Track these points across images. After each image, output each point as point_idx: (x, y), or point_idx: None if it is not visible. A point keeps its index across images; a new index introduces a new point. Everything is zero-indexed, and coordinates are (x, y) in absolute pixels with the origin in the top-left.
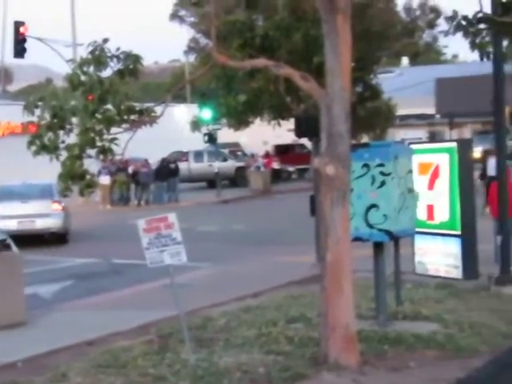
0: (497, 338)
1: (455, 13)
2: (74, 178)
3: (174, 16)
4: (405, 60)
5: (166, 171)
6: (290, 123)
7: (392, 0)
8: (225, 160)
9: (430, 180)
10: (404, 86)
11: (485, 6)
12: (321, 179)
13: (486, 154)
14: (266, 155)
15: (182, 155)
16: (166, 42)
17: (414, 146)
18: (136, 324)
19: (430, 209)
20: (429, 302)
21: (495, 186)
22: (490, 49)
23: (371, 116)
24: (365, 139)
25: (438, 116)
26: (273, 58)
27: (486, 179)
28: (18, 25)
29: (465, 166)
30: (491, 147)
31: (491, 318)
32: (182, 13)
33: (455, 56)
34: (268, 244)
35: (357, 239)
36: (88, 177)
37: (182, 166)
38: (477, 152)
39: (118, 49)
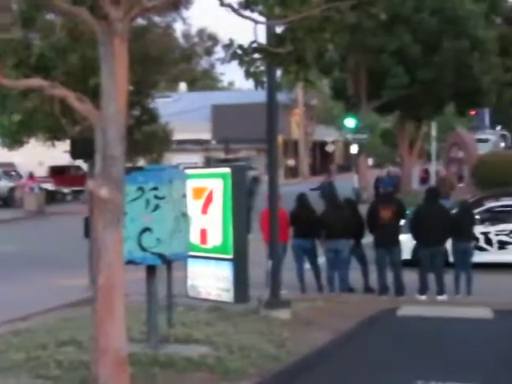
0: (265, 361)
1: (231, 41)
2: None
3: None
4: (182, 85)
5: None
6: (66, 144)
7: (171, 26)
8: None
9: (204, 204)
10: (181, 110)
11: (260, 37)
12: (94, 201)
13: None
14: (31, 177)
15: None
16: None
17: (188, 171)
18: None
19: (203, 233)
20: (200, 325)
21: (267, 212)
22: (265, 78)
23: (148, 140)
24: (141, 163)
25: (213, 142)
26: (48, 78)
27: None
28: None
29: (238, 191)
30: None
31: (260, 340)
32: None
33: (231, 83)
34: (41, 266)
35: (130, 262)
36: None
37: None
38: None
39: None
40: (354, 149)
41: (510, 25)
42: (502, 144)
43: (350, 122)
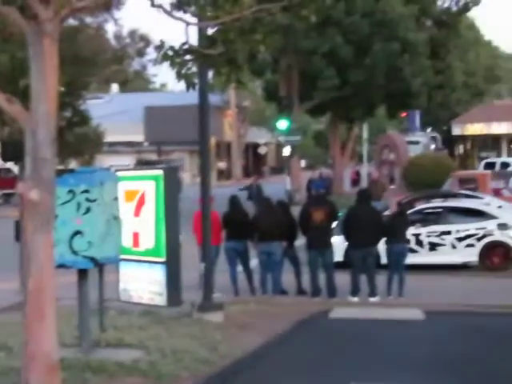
0: (198, 364)
1: (162, 42)
2: None
3: None
4: (114, 87)
5: None
6: None
7: (102, 27)
8: None
9: (136, 207)
10: (113, 112)
11: (192, 38)
12: (25, 204)
13: None
14: None
15: None
16: None
17: (120, 173)
18: None
19: (136, 236)
20: (132, 329)
21: (199, 214)
22: (196, 79)
23: (80, 142)
24: (73, 165)
25: (146, 143)
26: None
27: None
28: None
29: (170, 193)
30: None
31: (193, 344)
32: None
33: (164, 85)
34: None
35: (61, 266)
36: None
37: None
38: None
39: None
40: (286, 151)
41: (441, 28)
42: (433, 146)
43: (282, 124)
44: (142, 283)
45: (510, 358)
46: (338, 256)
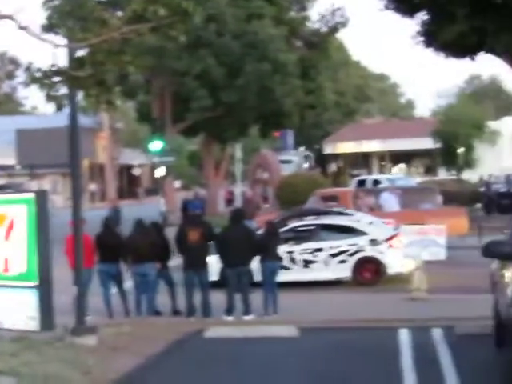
0: None
1: (30, 64)
2: None
3: None
4: None
5: None
6: None
7: None
8: None
9: (7, 231)
10: None
11: (62, 60)
12: None
13: None
14: None
15: None
16: None
17: None
18: None
19: (7, 260)
20: (4, 356)
21: (71, 238)
22: (67, 101)
23: None
24: None
25: (18, 167)
26: None
27: None
28: None
29: (42, 217)
30: None
31: (66, 368)
32: None
33: (35, 107)
34: None
35: None
36: None
37: None
38: None
39: None
40: (159, 172)
41: (311, 48)
42: (306, 165)
43: (155, 145)
44: (14, 309)
45: (379, 373)
46: (214, 275)
